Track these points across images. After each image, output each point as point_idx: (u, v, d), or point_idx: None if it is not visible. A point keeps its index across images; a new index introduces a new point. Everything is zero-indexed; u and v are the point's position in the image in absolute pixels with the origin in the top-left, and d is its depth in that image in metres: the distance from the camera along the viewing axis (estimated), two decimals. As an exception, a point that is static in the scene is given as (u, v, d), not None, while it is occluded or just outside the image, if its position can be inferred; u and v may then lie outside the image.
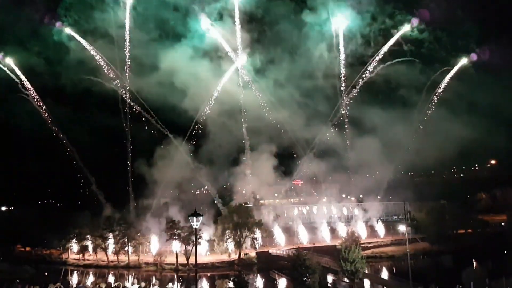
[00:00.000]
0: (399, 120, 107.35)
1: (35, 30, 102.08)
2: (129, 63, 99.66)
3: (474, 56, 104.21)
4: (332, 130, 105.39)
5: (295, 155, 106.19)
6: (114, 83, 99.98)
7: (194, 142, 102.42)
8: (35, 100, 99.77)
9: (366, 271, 64.19)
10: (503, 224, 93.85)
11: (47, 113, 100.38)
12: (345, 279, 60.38)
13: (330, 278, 64.76)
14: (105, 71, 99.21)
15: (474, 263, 74.26)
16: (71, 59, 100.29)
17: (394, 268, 77.79)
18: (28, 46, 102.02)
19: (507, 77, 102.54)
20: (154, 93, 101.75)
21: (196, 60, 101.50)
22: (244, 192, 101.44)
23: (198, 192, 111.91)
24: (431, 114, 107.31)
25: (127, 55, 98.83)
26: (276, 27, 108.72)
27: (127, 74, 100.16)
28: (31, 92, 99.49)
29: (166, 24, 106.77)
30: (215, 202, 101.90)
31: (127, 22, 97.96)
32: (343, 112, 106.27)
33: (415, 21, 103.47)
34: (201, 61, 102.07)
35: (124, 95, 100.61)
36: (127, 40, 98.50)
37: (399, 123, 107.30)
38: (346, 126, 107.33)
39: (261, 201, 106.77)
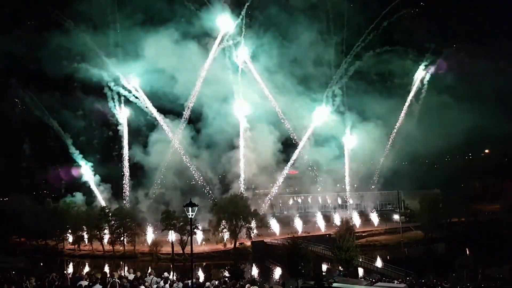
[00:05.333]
0: (393, 109, 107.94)
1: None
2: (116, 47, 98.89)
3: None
4: (327, 119, 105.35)
5: (293, 142, 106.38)
6: (101, 69, 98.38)
7: (184, 128, 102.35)
8: (21, 86, 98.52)
9: (360, 260, 64.81)
10: (496, 213, 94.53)
11: (34, 99, 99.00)
12: (340, 268, 60.92)
13: (324, 267, 65.31)
14: (91, 57, 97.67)
15: (467, 251, 75.06)
16: (53, 44, 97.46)
17: (388, 256, 78.49)
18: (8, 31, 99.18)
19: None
20: (144, 78, 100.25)
21: (184, 44, 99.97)
22: (239, 181, 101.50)
23: (194, 182, 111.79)
24: (425, 103, 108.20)
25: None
26: (266, 12, 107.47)
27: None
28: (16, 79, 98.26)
29: (151, 8, 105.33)
30: (211, 192, 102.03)
31: None
32: (336, 100, 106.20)
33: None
34: (189, 45, 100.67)
35: (116, 81, 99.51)
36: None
37: (393, 112, 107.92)
38: (343, 113, 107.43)
39: (257, 191, 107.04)
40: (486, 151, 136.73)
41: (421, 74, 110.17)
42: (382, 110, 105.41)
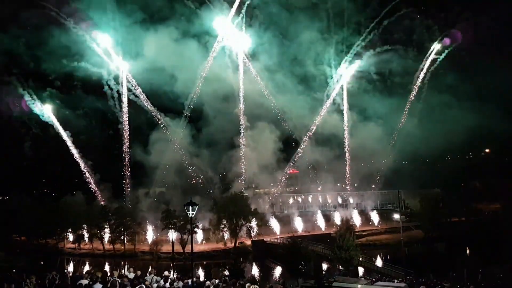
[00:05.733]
0: (394, 109, 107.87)
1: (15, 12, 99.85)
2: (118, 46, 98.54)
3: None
4: (328, 118, 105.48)
5: (293, 144, 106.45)
6: (100, 68, 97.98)
7: (184, 128, 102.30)
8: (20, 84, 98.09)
9: (360, 259, 64.79)
10: (496, 212, 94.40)
11: (33, 98, 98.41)
12: (340, 267, 60.93)
13: (324, 266, 65.28)
14: (91, 55, 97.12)
15: (467, 251, 75.02)
16: (52, 43, 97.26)
17: (388, 255, 78.48)
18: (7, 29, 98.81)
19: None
20: (143, 77, 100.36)
21: (184, 43, 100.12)
22: (240, 180, 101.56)
23: (194, 181, 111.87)
24: (426, 102, 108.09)
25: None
26: (267, 10, 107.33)
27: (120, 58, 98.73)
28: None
29: (150, 6, 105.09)
30: (211, 190, 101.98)
31: None
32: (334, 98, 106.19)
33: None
34: (189, 44, 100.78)
35: (119, 79, 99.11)
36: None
37: (394, 111, 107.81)
38: (343, 113, 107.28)
39: (257, 190, 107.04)
40: (487, 150, 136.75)
41: (437, 47, 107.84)
42: (383, 109, 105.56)
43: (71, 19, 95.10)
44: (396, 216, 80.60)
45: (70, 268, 74.76)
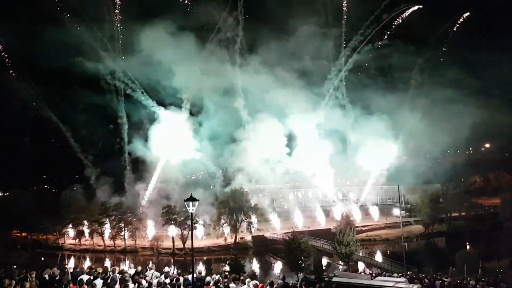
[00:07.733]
0: (398, 104, 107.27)
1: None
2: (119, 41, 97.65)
3: None
4: (329, 114, 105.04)
5: (294, 139, 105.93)
6: (97, 62, 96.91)
7: (185, 121, 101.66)
8: (18, 78, 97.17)
9: (361, 254, 64.93)
10: (496, 207, 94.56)
11: (30, 92, 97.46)
12: (340, 262, 61.08)
13: (325, 261, 65.42)
14: (87, 50, 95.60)
15: (467, 246, 75.23)
16: (48, 37, 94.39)
17: (388, 250, 78.70)
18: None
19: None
20: (141, 72, 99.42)
21: (181, 37, 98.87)
22: (240, 175, 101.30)
23: (194, 177, 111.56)
24: (427, 97, 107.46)
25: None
26: (264, 3, 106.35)
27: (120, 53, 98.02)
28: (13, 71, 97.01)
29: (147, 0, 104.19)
30: (213, 185, 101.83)
31: None
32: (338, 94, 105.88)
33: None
34: (186, 38, 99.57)
35: (118, 74, 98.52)
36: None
37: (398, 106, 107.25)
38: (345, 107, 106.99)
39: (257, 185, 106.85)
40: (487, 145, 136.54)
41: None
42: (386, 104, 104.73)
43: (66, 12, 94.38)
44: (396, 211, 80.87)
45: (71, 264, 74.73)
